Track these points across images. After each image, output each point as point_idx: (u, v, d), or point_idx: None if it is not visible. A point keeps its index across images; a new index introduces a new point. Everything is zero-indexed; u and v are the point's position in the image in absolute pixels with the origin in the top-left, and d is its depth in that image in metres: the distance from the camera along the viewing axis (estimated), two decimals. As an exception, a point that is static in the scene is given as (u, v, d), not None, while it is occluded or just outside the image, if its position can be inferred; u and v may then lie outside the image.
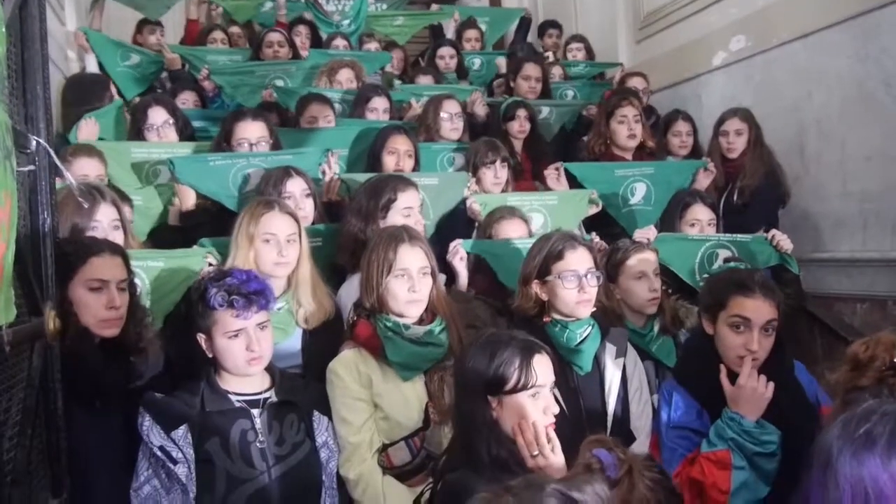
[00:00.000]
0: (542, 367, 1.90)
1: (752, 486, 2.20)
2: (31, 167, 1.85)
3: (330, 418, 2.36)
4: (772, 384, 2.22)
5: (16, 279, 1.66)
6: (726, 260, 3.06)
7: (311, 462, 2.27)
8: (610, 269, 3.04)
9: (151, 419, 2.10)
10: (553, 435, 1.82)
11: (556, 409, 1.90)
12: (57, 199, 2.09)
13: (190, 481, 2.07)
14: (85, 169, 3.33)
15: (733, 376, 2.26)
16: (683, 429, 2.33)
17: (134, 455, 2.16)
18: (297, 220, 2.79)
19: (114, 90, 4.53)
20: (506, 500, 0.96)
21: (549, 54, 6.83)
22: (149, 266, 2.75)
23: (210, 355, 2.24)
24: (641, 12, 6.28)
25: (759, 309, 2.29)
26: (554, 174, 3.95)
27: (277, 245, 2.69)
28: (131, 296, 2.33)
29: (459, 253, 3.13)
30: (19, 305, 1.67)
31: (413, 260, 2.45)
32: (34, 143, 1.88)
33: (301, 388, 2.38)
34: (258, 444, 2.18)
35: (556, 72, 6.09)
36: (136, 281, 2.45)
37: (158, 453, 2.06)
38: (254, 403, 2.25)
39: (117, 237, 2.64)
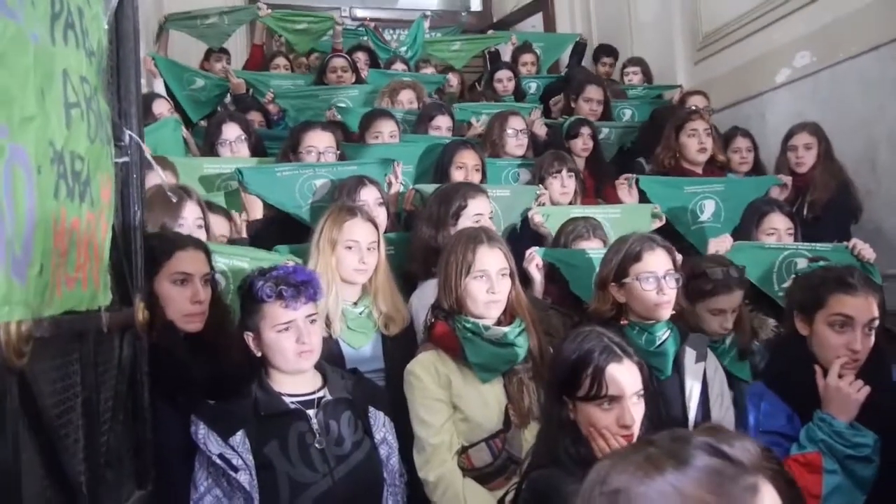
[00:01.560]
0: (621, 376, 1.86)
1: (846, 492, 2.10)
2: (125, 159, 1.89)
3: (387, 413, 2.32)
4: (867, 387, 2.14)
5: (110, 268, 1.69)
6: (811, 261, 2.97)
7: (372, 460, 2.21)
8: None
9: (207, 426, 2.04)
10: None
11: (632, 422, 1.84)
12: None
13: (253, 488, 2.00)
14: (157, 180, 3.38)
15: None
16: (773, 434, 2.24)
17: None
18: (377, 227, 2.80)
19: (164, 107, 4.59)
20: (648, 450, 0.92)
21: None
22: (233, 265, 2.77)
23: (259, 354, 2.20)
24: (700, 33, 6.26)
25: (861, 306, 2.21)
26: (625, 185, 3.91)
27: (359, 252, 2.70)
28: (213, 292, 2.34)
29: (535, 260, 3.10)
30: (112, 293, 1.70)
31: (492, 261, 2.43)
32: (127, 136, 1.92)
33: (354, 383, 2.32)
34: (317, 446, 2.12)
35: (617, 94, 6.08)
36: (219, 278, 2.47)
37: (218, 461, 2.00)
38: (308, 404, 2.19)
39: (201, 236, 2.68)
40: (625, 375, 1.87)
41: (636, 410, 1.86)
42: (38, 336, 1.18)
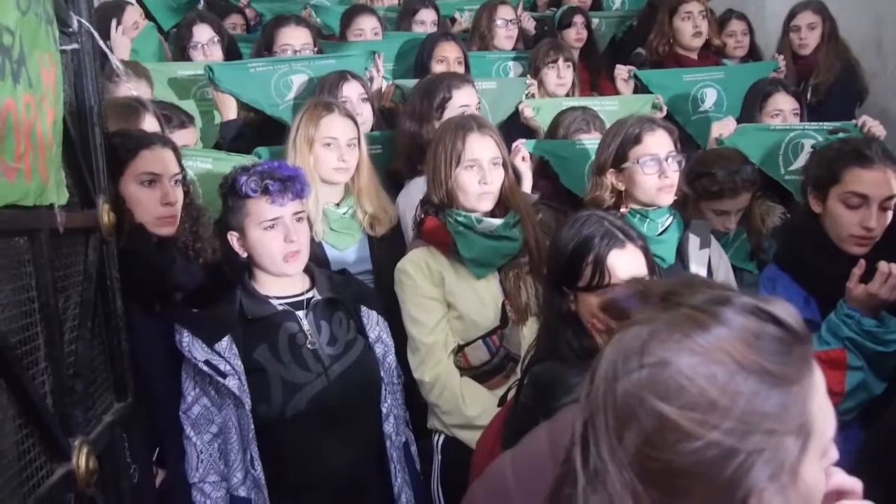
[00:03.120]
0: (624, 263, 1.74)
1: (868, 386, 2.01)
2: (75, 46, 1.72)
3: (379, 312, 2.23)
4: None
5: (65, 165, 1.55)
6: (832, 132, 2.82)
7: (368, 359, 2.14)
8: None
9: (191, 334, 1.95)
10: None
11: None
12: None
13: (243, 393, 1.93)
14: (126, 91, 3.20)
15: (843, 259, 2.04)
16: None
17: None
18: (356, 123, 2.65)
19: (136, 14, 4.32)
20: (685, 313, 0.80)
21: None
22: (197, 167, 2.63)
23: (244, 254, 2.10)
24: None
25: (878, 182, 2.08)
26: (625, 75, 3.74)
27: (338, 149, 2.56)
28: (185, 193, 2.20)
29: (521, 152, 2.88)
30: (70, 194, 1.56)
31: (483, 150, 2.29)
32: (76, 21, 1.74)
33: (343, 283, 2.23)
34: (309, 346, 2.05)
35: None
36: (191, 177, 2.33)
37: (205, 368, 1.92)
38: (297, 305, 2.10)
39: None
40: (628, 261, 1.74)
41: None
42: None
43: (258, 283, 2.10)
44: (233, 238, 2.09)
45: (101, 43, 1.87)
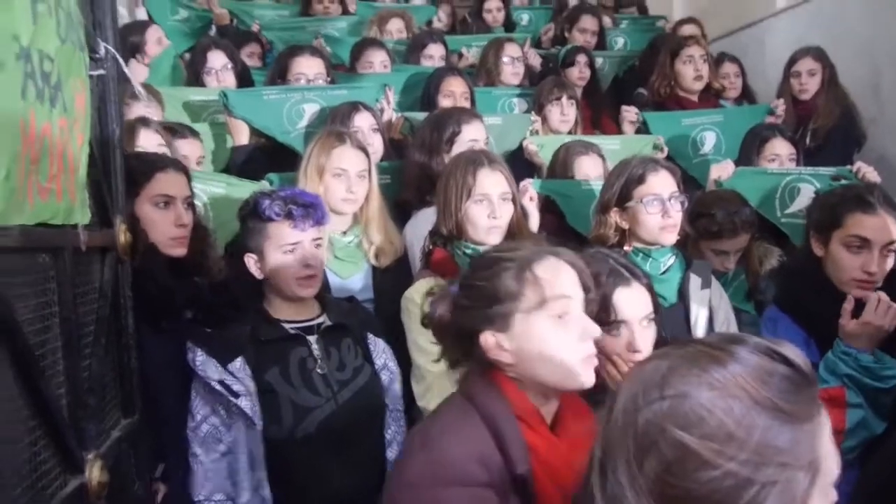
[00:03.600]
0: (630, 300, 1.78)
1: (868, 424, 2.03)
2: (101, 72, 1.77)
3: (386, 341, 2.27)
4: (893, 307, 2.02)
5: (88, 186, 1.60)
6: (834, 178, 2.88)
7: (374, 386, 2.17)
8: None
9: (205, 353, 1.98)
10: None
11: (643, 347, 1.77)
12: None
13: (255, 413, 1.96)
14: (143, 112, 3.26)
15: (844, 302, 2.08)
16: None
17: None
18: (367, 155, 2.70)
19: (159, 33, 4.40)
20: (703, 350, 0.85)
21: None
22: (211, 191, 2.68)
23: (260, 276, 2.14)
24: (697, -44, 6.08)
25: (879, 227, 2.12)
26: (633, 117, 3.83)
27: (347, 180, 2.60)
28: (194, 215, 2.26)
29: (530, 192, 2.95)
30: (91, 213, 1.61)
31: (494, 185, 2.34)
32: (103, 48, 1.80)
33: (350, 310, 2.27)
34: (319, 371, 2.08)
35: (606, 23, 5.92)
36: (197, 202, 2.38)
37: (218, 387, 1.95)
38: (308, 330, 2.14)
39: None
40: (634, 299, 1.79)
41: (647, 335, 1.79)
42: (9, 245, 1.08)
43: (271, 306, 2.13)
44: (250, 260, 2.13)
45: (125, 69, 1.93)
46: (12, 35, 1.13)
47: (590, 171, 3.15)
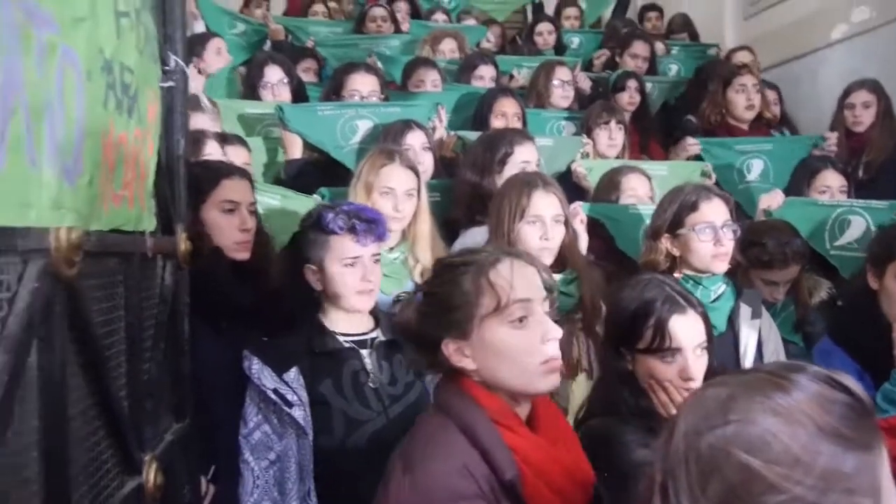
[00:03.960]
0: (685, 328, 1.77)
1: None
2: (171, 83, 1.83)
3: None
4: None
5: (154, 193, 1.65)
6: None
7: (424, 402, 2.15)
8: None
9: (261, 362, 2.01)
10: None
11: (695, 376, 1.75)
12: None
13: (307, 424, 1.98)
14: (199, 122, 3.34)
15: None
16: (843, 393, 2.15)
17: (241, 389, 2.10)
18: (417, 174, 2.72)
19: (219, 45, 4.50)
20: (765, 377, 0.86)
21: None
22: (266, 203, 2.74)
23: (319, 288, 2.16)
24: (751, -12, 6.06)
25: None
26: (697, 150, 3.83)
27: (394, 199, 2.62)
28: (257, 221, 2.34)
29: (580, 215, 2.93)
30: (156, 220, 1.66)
31: (547, 206, 2.36)
32: (173, 61, 1.86)
33: None
34: (371, 385, 2.09)
35: (659, 49, 5.92)
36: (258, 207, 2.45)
37: (272, 396, 1.97)
38: (362, 343, 2.15)
39: None
40: (688, 327, 1.78)
41: (699, 363, 1.78)
42: (88, 250, 1.12)
43: (327, 318, 2.15)
44: (309, 271, 2.14)
45: (192, 82, 1.99)
46: (98, 48, 1.18)
47: (637, 187, 3.14)
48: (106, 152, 1.22)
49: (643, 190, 3.16)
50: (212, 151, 2.73)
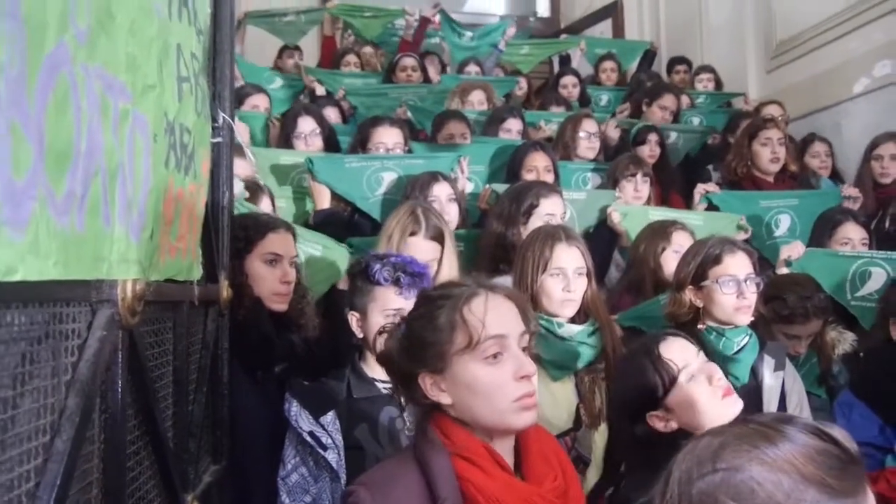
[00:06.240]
0: (675, 351, 1.82)
1: None
2: (219, 139, 1.93)
3: None
4: None
5: (201, 245, 1.74)
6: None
7: None
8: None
9: (299, 405, 2.05)
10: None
11: (720, 375, 1.79)
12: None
13: (340, 468, 2.01)
14: (237, 168, 3.46)
15: None
16: (864, 445, 2.16)
17: (280, 433, 2.15)
18: (441, 242, 2.77)
19: (263, 101, 4.66)
20: (755, 429, 0.92)
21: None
22: (307, 251, 2.82)
23: (360, 335, 2.20)
24: (774, 41, 6.15)
25: None
26: (702, 194, 3.86)
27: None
28: (297, 274, 2.42)
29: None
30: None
31: (569, 259, 2.41)
32: (221, 118, 1.96)
33: None
34: (407, 433, 2.08)
35: (683, 100, 6.00)
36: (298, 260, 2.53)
37: (308, 439, 2.01)
38: None
39: None
40: (678, 349, 1.82)
41: (712, 366, 1.82)
42: (148, 299, 1.21)
43: (367, 364, 2.18)
44: (353, 318, 2.19)
45: (238, 137, 2.10)
46: (164, 112, 1.28)
47: (685, 245, 3.04)
48: (166, 208, 1.31)
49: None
50: (266, 203, 2.90)
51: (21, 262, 0.81)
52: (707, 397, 1.77)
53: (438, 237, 2.78)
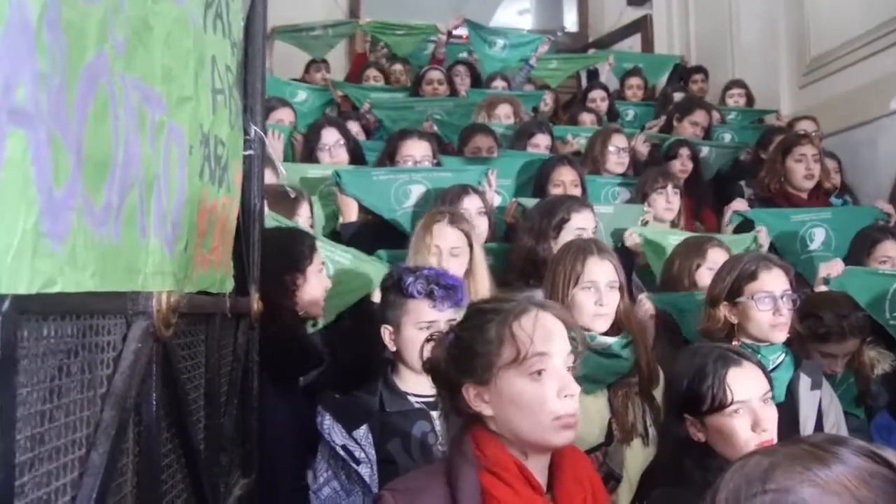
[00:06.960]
0: (742, 381, 1.79)
1: None
2: (250, 152, 1.93)
3: None
4: None
5: (233, 257, 1.74)
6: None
7: None
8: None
9: (332, 418, 2.04)
10: None
11: (770, 424, 1.77)
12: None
13: (373, 482, 2.00)
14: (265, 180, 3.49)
15: None
16: (902, 468, 2.12)
17: (306, 445, 2.16)
18: (467, 234, 2.79)
19: (288, 115, 4.69)
20: (806, 449, 0.88)
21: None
22: (336, 260, 2.82)
23: (393, 349, 2.20)
24: (807, 57, 6.07)
25: None
26: (733, 213, 3.84)
27: (438, 256, 2.71)
28: None
29: (647, 308, 2.91)
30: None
31: (602, 273, 2.39)
32: (253, 131, 1.97)
33: None
34: (439, 447, 2.10)
35: (714, 116, 5.94)
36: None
37: (341, 453, 2.00)
38: (432, 405, 2.16)
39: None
40: (747, 377, 1.80)
41: (768, 413, 1.79)
42: (181, 311, 1.20)
43: (400, 378, 2.18)
44: (385, 331, 2.19)
45: (269, 150, 2.10)
46: (199, 123, 1.28)
47: (719, 262, 3.02)
48: (199, 220, 1.31)
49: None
50: (304, 211, 2.95)
51: (60, 273, 0.81)
52: (744, 439, 1.75)
53: (463, 225, 2.80)
